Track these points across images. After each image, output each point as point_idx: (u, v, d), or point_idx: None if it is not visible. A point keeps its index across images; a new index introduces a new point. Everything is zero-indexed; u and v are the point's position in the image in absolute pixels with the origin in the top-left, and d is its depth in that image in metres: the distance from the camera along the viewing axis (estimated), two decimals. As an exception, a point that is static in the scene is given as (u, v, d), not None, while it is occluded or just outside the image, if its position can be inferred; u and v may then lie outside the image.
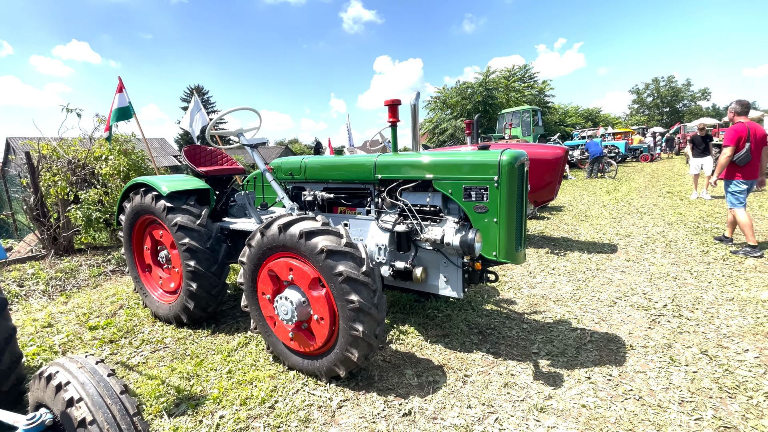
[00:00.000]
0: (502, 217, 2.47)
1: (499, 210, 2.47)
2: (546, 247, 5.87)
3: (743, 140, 5.16)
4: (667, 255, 5.21)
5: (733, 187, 5.35)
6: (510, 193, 2.45)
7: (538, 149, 5.42)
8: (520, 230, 2.61)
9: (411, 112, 3.01)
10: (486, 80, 19.17)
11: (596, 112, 38.94)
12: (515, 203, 2.49)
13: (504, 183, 2.43)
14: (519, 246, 2.59)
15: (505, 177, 2.43)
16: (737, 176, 5.28)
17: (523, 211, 2.65)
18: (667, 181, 13.55)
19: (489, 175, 2.47)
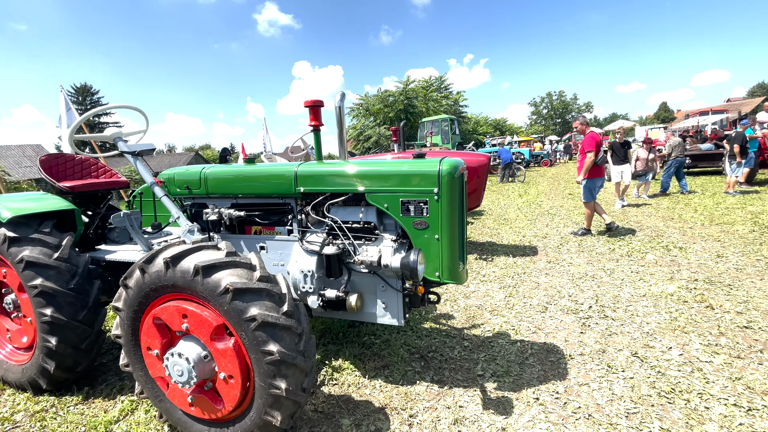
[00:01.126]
0: (444, 233, 2.19)
1: (440, 225, 2.19)
2: (474, 253, 5.89)
3: (599, 145, 6.27)
4: (581, 254, 5.54)
5: (590, 184, 6.42)
6: (451, 205, 2.19)
7: (463, 157, 5.40)
8: (462, 246, 2.36)
9: (336, 115, 2.63)
10: (406, 89, 19.65)
11: (503, 122, 42.65)
12: (457, 216, 2.24)
13: (445, 195, 2.16)
14: (462, 263, 2.34)
15: (446, 188, 2.16)
16: (596, 175, 6.40)
17: (464, 225, 2.42)
18: (567, 184, 15.07)
19: (428, 187, 2.17)
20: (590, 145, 6.21)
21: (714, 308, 3.60)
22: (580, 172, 6.45)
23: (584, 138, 6.36)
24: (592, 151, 6.20)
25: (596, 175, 6.41)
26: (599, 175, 6.45)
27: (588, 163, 6.25)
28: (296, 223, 2.56)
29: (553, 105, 69.83)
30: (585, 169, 6.32)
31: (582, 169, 6.38)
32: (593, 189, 6.46)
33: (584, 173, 6.36)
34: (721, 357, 2.78)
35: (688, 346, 2.97)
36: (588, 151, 6.24)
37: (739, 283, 4.15)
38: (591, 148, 6.21)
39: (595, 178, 6.42)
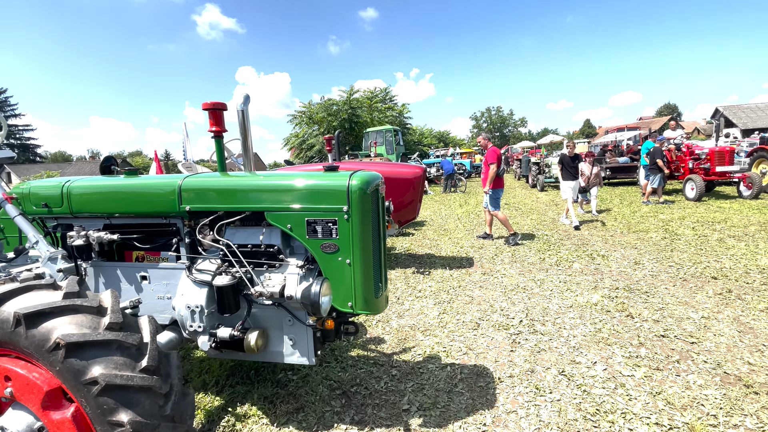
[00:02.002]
0: (357, 257, 1.93)
1: (352, 248, 1.92)
2: (412, 266, 5.73)
3: (500, 158, 6.87)
4: (514, 265, 5.60)
5: (495, 194, 6.94)
6: (364, 225, 1.93)
7: (398, 168, 5.25)
8: (380, 270, 2.11)
9: (239, 120, 2.29)
10: (350, 99, 19.48)
11: (446, 135, 44.21)
12: (371, 237, 1.98)
13: (356, 214, 1.90)
14: (379, 290, 2.09)
15: (357, 206, 1.90)
16: (498, 186, 6.93)
17: (382, 246, 2.17)
18: (504, 195, 15.73)
19: (337, 204, 1.90)
20: (492, 158, 6.77)
21: (633, 317, 3.71)
22: (485, 184, 6.95)
23: (487, 152, 6.96)
24: (495, 163, 6.73)
25: (499, 185, 6.96)
26: (501, 186, 7.08)
27: (492, 174, 6.77)
28: (184, 247, 2.15)
29: (492, 119, 74.02)
30: (489, 180, 6.81)
31: (487, 180, 6.87)
32: (498, 199, 7.01)
33: (489, 184, 6.84)
34: (641, 370, 2.80)
35: (611, 360, 2.97)
36: (491, 163, 6.77)
37: (654, 290, 4.37)
38: (493, 161, 6.75)
39: (498, 188, 6.96)
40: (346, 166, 5.36)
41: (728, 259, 5.31)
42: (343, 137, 19.46)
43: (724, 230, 6.99)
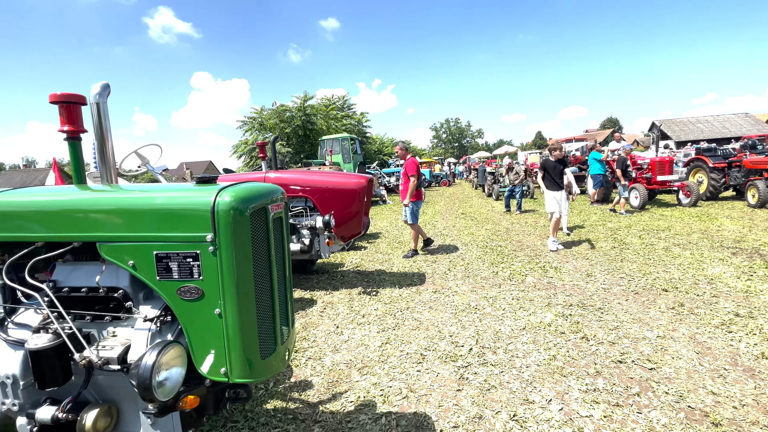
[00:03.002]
0: (231, 304, 1.39)
1: (223, 293, 1.38)
2: (360, 285, 5.23)
3: (419, 169, 6.64)
4: (466, 281, 5.26)
5: (414, 207, 6.64)
6: (241, 260, 1.41)
7: (339, 178, 4.77)
8: (274, 319, 1.59)
9: (93, 115, 1.71)
10: (304, 105, 18.80)
11: (407, 144, 44.50)
12: (252, 276, 1.46)
13: (227, 244, 1.37)
14: (272, 345, 1.57)
15: (229, 233, 1.37)
16: (417, 198, 6.71)
17: (280, 285, 1.66)
18: (461, 204, 15.72)
19: (198, 232, 1.36)
20: (412, 170, 6.45)
21: (589, 339, 3.43)
22: (404, 196, 6.64)
23: (405, 163, 6.58)
24: (415, 175, 6.43)
25: (418, 198, 6.75)
26: (421, 198, 6.92)
27: (412, 186, 6.46)
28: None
29: (451, 130, 75.91)
30: (410, 192, 6.50)
31: (407, 192, 6.54)
32: (416, 211, 6.73)
33: (409, 196, 6.53)
34: (600, 408, 2.46)
35: (567, 395, 2.62)
36: (411, 175, 6.44)
37: (608, 306, 4.16)
38: (413, 173, 6.44)
39: (417, 200, 6.73)
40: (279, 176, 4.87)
41: (676, 269, 5.28)
42: (297, 145, 18.75)
43: (668, 238, 7.11)
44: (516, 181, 11.60)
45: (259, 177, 4.80)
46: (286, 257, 1.70)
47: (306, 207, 4.81)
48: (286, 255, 1.70)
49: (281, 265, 1.67)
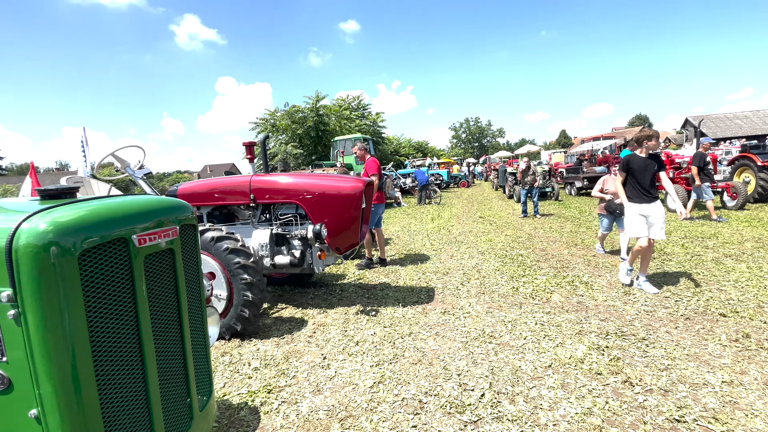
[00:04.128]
0: (51, 401, 0.82)
1: (37, 383, 0.82)
2: (359, 302, 4.64)
3: (380, 170, 6.14)
4: (481, 298, 4.58)
5: (376, 211, 6.14)
6: (67, 329, 0.84)
7: (333, 181, 4.19)
8: (151, 417, 1.01)
9: None
10: (317, 106, 18.37)
11: (425, 145, 43.67)
12: (87, 350, 0.88)
13: (37, 306, 0.80)
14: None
15: (38, 288, 0.80)
16: (379, 201, 6.14)
17: (185, 344, 1.08)
18: (479, 206, 14.92)
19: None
20: (373, 169, 6.03)
21: (633, 383, 2.72)
22: None
23: (366, 164, 6.14)
24: (376, 174, 5.97)
25: (379, 201, 6.23)
26: (383, 201, 6.44)
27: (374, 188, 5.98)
28: None
29: (471, 130, 74.49)
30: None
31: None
32: (380, 215, 6.34)
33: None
34: (659, 502, 1.78)
35: (611, 476, 1.95)
36: (372, 175, 5.96)
37: (654, 336, 3.42)
38: (375, 172, 6.01)
39: (378, 204, 6.19)
40: (265, 179, 4.33)
41: (733, 287, 4.45)
42: (310, 146, 18.31)
43: (717, 248, 6.20)
44: (534, 183, 10.75)
45: (245, 181, 4.28)
46: (182, 307, 1.12)
47: (296, 214, 4.26)
48: (182, 304, 1.12)
49: (172, 320, 1.09)
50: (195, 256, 1.20)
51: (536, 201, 10.78)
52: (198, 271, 1.26)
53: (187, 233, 1.18)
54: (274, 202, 4.23)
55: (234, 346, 3.64)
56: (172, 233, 1.10)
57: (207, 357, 1.36)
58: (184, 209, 1.19)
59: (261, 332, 3.94)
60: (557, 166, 22.48)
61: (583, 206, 12.46)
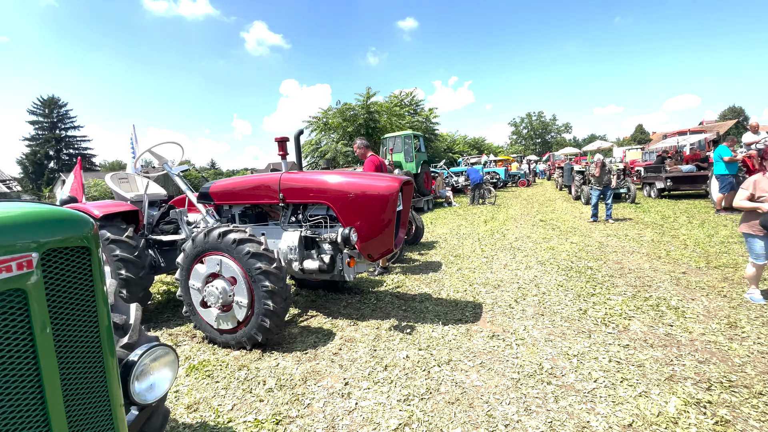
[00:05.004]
0: None
1: None
2: (394, 316, 4.15)
3: (379, 168, 5.64)
4: (539, 320, 3.86)
5: None
6: None
7: (366, 179, 3.73)
8: None
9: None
10: (367, 103, 18.09)
11: (481, 141, 41.88)
12: None
13: None
14: None
15: None
16: None
17: None
18: (540, 207, 13.66)
19: None
20: (371, 170, 5.62)
21: (761, 471, 1.92)
22: None
23: (365, 162, 5.76)
24: None
25: None
26: None
27: None
28: None
29: (533, 125, 70.37)
30: None
31: None
32: None
33: None
34: None
35: None
36: None
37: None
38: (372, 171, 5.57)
39: None
40: (294, 177, 3.95)
41: None
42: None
43: None
44: (610, 184, 9.48)
45: (274, 179, 3.98)
46: (45, 380, 0.70)
47: (327, 216, 3.87)
48: (47, 376, 0.71)
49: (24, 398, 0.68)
50: (85, 295, 0.80)
51: (610, 203, 9.49)
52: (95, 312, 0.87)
53: (66, 261, 0.78)
54: (303, 201, 3.88)
55: (254, 358, 3.34)
56: (19, 265, 0.70)
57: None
58: (61, 225, 0.79)
59: (285, 343, 3.62)
60: (633, 164, 20.12)
61: (666, 210, 10.80)
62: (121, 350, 1.84)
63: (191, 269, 3.54)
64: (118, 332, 1.88)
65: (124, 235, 3.98)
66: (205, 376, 3.12)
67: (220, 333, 3.54)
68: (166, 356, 1.34)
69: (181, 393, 2.89)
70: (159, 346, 1.32)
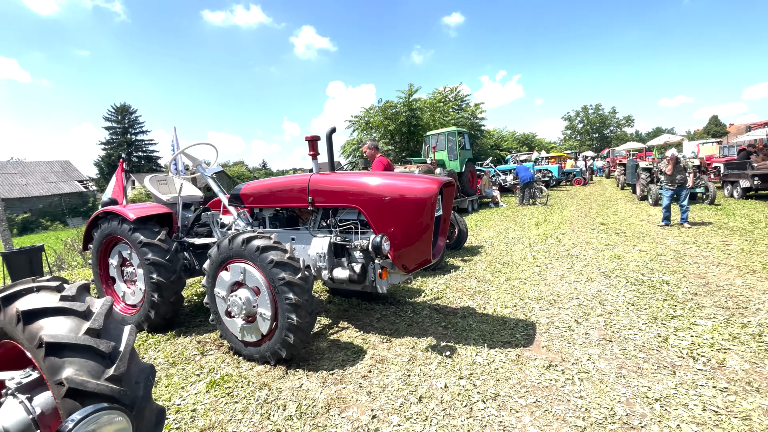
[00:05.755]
0: None
1: None
2: (432, 333, 3.70)
3: (387, 169, 5.55)
4: (607, 348, 3.23)
5: None
6: None
7: (401, 181, 3.32)
8: None
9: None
10: (409, 100, 17.55)
11: (532, 137, 39.70)
12: None
13: None
14: None
15: None
16: None
17: None
18: (600, 209, 12.42)
19: None
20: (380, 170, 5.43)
21: None
22: None
23: (374, 163, 5.68)
24: None
25: None
26: None
27: None
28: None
29: (589, 119, 65.87)
30: None
31: None
32: None
33: None
34: None
35: None
36: None
37: None
38: None
39: None
40: (323, 178, 3.62)
41: None
42: (401, 143, 17.61)
43: None
44: (686, 183, 8.29)
45: (303, 180, 3.70)
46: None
47: (358, 221, 3.52)
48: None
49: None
50: None
51: (685, 205, 8.29)
52: None
53: None
54: (333, 205, 3.55)
55: (277, 376, 3.07)
56: None
57: None
58: None
59: (311, 359, 3.32)
60: (710, 160, 17.89)
61: (755, 213, 9.29)
62: (105, 384, 1.59)
63: (216, 276, 3.35)
64: (104, 362, 1.64)
65: (156, 239, 3.91)
66: (225, 394, 2.89)
67: (245, 345, 3.32)
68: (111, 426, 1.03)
69: (198, 413, 2.68)
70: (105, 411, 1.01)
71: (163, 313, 3.99)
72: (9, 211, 27.76)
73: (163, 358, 3.54)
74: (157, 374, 3.24)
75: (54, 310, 1.68)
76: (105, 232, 4.20)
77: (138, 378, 1.67)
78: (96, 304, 1.84)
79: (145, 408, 1.69)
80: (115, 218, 4.09)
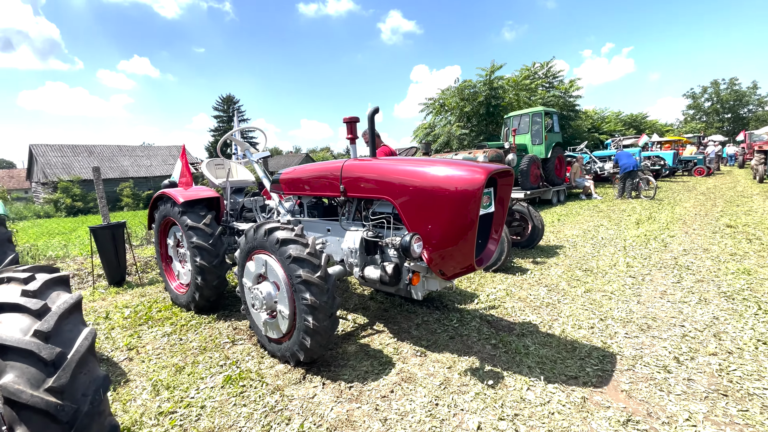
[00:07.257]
0: None
1: None
2: (475, 353, 3.10)
3: None
4: (719, 406, 2.31)
5: None
6: None
7: (438, 169, 2.73)
8: None
9: None
10: (490, 78, 15.96)
11: (641, 118, 34.15)
12: None
13: None
14: None
15: None
16: None
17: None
18: (727, 206, 10.00)
19: None
20: None
21: None
22: None
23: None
24: None
25: None
26: None
27: None
28: None
29: (721, 96, 54.85)
30: None
31: None
32: None
33: None
34: None
35: None
36: None
37: None
38: None
39: None
40: (355, 164, 3.16)
41: None
42: (478, 126, 16.19)
43: None
44: None
45: (336, 167, 3.32)
46: None
47: (391, 214, 3.04)
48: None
49: None
50: None
51: None
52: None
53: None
54: (364, 196, 3.12)
55: (293, 380, 2.81)
56: None
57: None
58: None
59: (335, 363, 3.00)
60: None
61: None
62: (40, 396, 1.41)
63: (245, 266, 3.19)
64: (46, 369, 1.45)
65: (201, 222, 3.92)
66: (238, 393, 2.71)
67: (268, 341, 3.13)
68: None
69: (205, 412, 2.53)
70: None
71: (207, 296, 4.02)
72: (137, 188, 32.90)
73: (198, 342, 3.54)
74: (186, 359, 3.23)
75: (10, 306, 1.56)
76: (162, 213, 4.37)
77: (86, 390, 1.51)
78: (58, 302, 1.69)
79: (89, 425, 1.54)
80: (169, 200, 4.22)
